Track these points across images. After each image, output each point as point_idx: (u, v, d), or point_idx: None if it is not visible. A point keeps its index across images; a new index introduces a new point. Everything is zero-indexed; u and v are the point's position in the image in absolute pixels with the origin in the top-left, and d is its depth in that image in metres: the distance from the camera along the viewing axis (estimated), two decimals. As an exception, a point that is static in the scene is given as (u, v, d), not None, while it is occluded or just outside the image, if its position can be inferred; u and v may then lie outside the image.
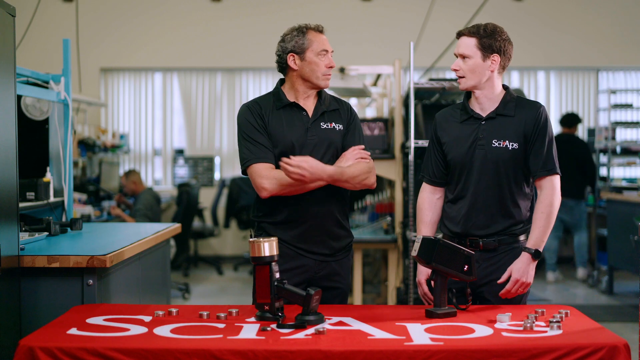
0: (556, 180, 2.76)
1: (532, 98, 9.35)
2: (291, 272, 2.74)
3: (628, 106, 7.75)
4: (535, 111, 2.76)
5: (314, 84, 2.83)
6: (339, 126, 2.87)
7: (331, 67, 2.83)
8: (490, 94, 2.79)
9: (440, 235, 2.84)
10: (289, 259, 2.78)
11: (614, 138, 7.49)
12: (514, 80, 9.40)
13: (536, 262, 2.71)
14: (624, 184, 7.21)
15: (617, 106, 7.67)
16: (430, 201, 2.91)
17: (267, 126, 2.80)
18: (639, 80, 9.46)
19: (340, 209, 2.86)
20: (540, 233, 2.71)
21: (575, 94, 9.39)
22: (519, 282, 2.68)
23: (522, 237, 2.79)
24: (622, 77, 9.41)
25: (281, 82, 2.92)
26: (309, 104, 2.87)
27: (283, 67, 2.86)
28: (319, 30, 2.84)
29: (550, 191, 2.73)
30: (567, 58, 9.20)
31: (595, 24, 9.16)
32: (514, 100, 2.80)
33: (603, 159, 8.01)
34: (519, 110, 2.78)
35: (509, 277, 2.70)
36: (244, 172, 2.79)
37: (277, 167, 2.72)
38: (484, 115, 2.80)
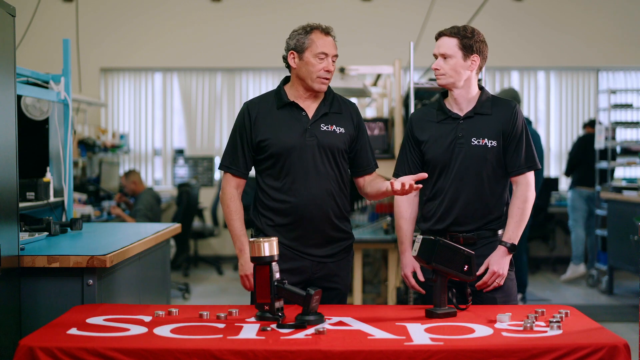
0: (530, 176, 2.85)
1: (532, 98, 9.37)
2: (288, 273, 2.71)
3: (628, 106, 7.74)
4: (511, 110, 2.84)
5: (308, 86, 2.80)
6: (340, 129, 2.83)
7: (328, 71, 2.77)
8: (467, 94, 2.85)
9: (419, 232, 2.88)
10: (286, 259, 2.76)
11: (614, 138, 7.48)
12: (514, 80, 9.39)
13: (511, 255, 2.80)
14: (624, 184, 7.19)
15: (617, 106, 7.66)
16: (408, 197, 2.93)
17: (258, 127, 2.80)
18: (639, 80, 9.46)
19: (339, 212, 2.84)
20: (515, 227, 2.81)
21: (575, 94, 9.38)
22: (496, 274, 2.77)
23: (500, 232, 2.86)
24: (622, 77, 9.40)
25: (285, 80, 2.91)
26: (310, 104, 2.84)
27: (287, 64, 2.86)
28: (325, 32, 2.78)
29: (525, 187, 2.83)
30: (567, 58, 9.19)
31: (595, 24, 9.15)
32: (489, 100, 2.87)
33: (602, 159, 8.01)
34: (495, 108, 2.85)
35: (486, 269, 2.78)
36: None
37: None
38: (461, 115, 2.85)
